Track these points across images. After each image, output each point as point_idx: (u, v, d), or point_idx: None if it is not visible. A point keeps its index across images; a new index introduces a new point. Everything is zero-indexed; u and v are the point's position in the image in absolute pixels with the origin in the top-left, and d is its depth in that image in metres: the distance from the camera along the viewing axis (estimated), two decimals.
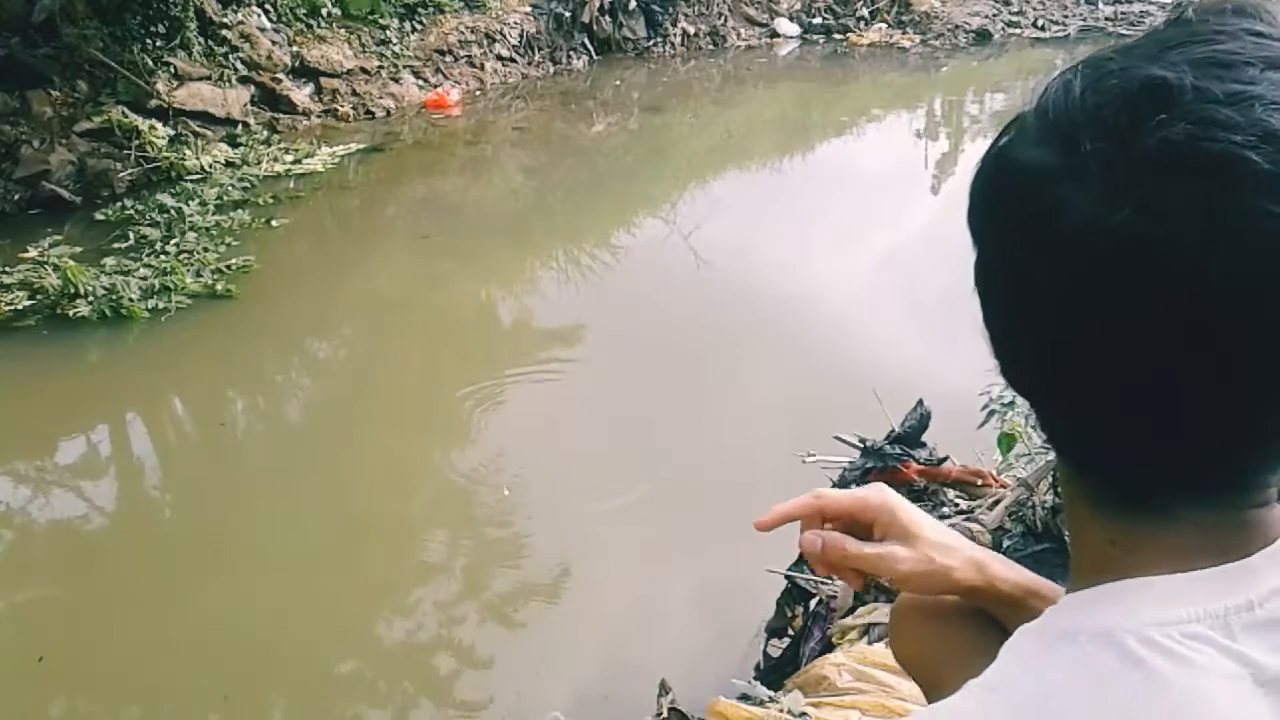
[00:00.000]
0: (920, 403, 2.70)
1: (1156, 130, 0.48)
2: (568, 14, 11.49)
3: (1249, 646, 0.51)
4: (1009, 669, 0.55)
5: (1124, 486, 0.56)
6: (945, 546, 0.86)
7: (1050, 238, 0.51)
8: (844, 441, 2.78)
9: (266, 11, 9.02)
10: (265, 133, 8.40)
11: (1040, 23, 13.95)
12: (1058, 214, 0.50)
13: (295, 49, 9.11)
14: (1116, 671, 0.50)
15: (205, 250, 5.92)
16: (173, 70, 8.01)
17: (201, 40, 8.28)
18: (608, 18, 11.77)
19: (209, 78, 8.23)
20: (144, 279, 5.49)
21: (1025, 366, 0.58)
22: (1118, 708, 0.49)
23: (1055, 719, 0.50)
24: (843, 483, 2.65)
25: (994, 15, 13.99)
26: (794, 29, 13.50)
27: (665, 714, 2.34)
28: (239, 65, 8.54)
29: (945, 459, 2.65)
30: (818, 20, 13.76)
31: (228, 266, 5.74)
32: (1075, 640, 0.53)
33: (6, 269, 5.62)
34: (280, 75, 8.85)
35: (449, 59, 10.40)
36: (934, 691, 0.93)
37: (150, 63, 7.80)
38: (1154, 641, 0.51)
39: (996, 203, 0.56)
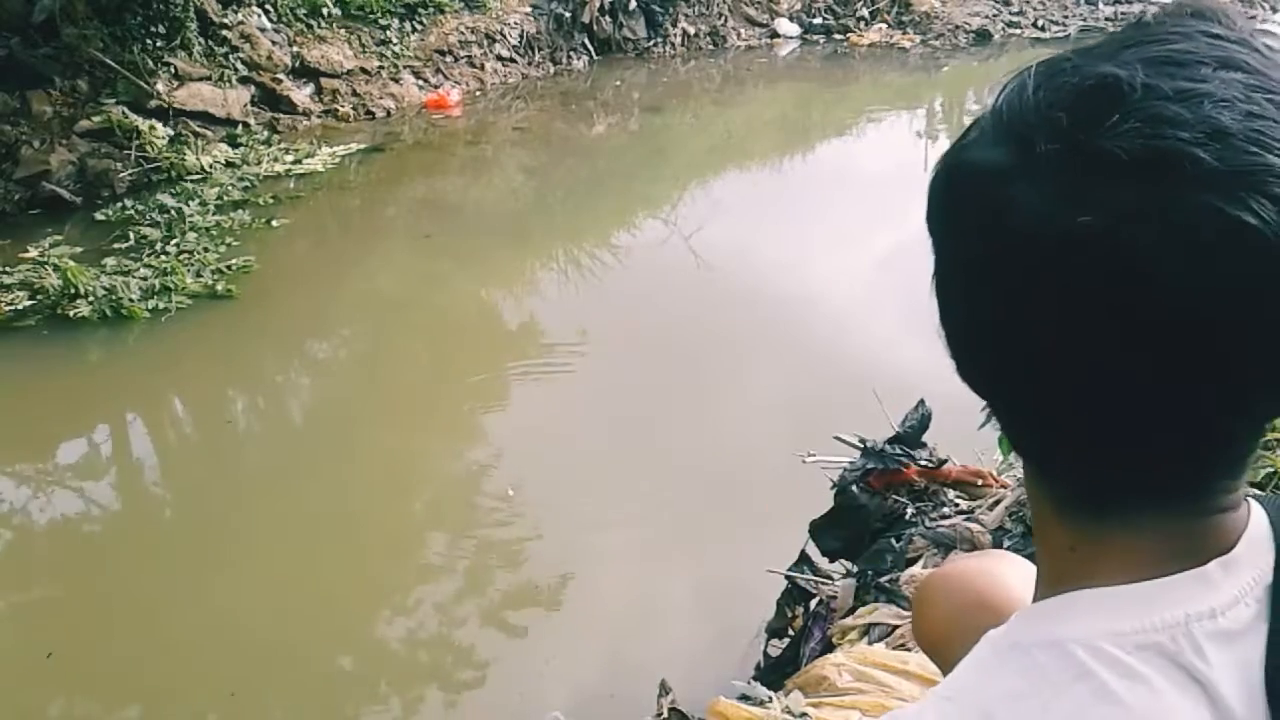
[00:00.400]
0: (921, 402, 2.70)
1: (1107, 129, 0.47)
2: (568, 14, 11.49)
3: (1209, 658, 0.50)
4: (964, 678, 0.55)
5: (1084, 489, 0.56)
6: None
7: (1003, 238, 0.51)
8: (844, 442, 2.78)
9: (266, 12, 9.02)
10: (265, 133, 8.40)
11: (1040, 23, 13.95)
12: (1010, 214, 0.50)
13: (295, 49, 9.11)
14: (1064, 683, 0.50)
15: (205, 250, 5.92)
16: (173, 70, 8.01)
17: (202, 40, 8.28)
18: (608, 18, 11.76)
19: (209, 78, 8.23)
20: (144, 279, 5.49)
21: (982, 369, 0.57)
22: (1061, 714, 0.49)
23: None
24: (843, 483, 2.65)
25: (994, 15, 13.99)
26: (794, 29, 13.50)
27: (665, 714, 2.34)
28: (239, 65, 8.54)
29: (945, 459, 2.65)
30: (818, 20, 13.76)
31: (228, 267, 5.74)
32: (1028, 651, 0.53)
33: (7, 269, 5.62)
34: (280, 75, 8.85)
35: (449, 59, 10.40)
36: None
37: (150, 63, 7.80)
38: (1104, 652, 0.50)
39: (951, 203, 0.56)
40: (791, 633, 2.61)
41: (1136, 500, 0.54)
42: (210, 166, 7.41)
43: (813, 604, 2.57)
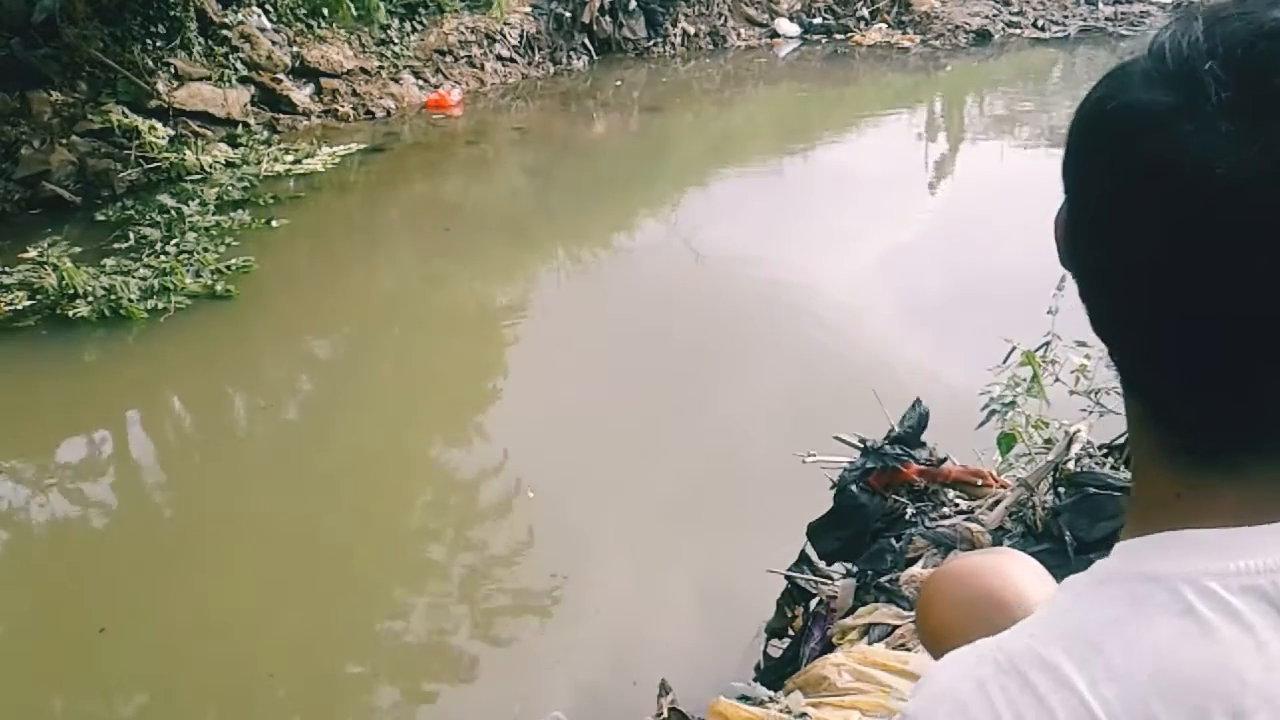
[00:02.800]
0: (918, 402, 2.70)
1: None
2: (568, 14, 11.49)
3: None
4: (1062, 604, 0.56)
5: (1200, 435, 0.56)
6: None
7: (1172, 178, 0.51)
8: (844, 442, 2.78)
9: (266, 12, 9.02)
10: (265, 133, 8.40)
11: (1040, 23, 13.95)
12: (1180, 153, 0.51)
13: (295, 49, 9.11)
14: (1165, 615, 0.51)
15: (205, 250, 5.92)
16: (173, 70, 8.01)
17: (202, 40, 8.28)
18: (608, 18, 11.77)
19: (209, 78, 8.23)
20: (143, 279, 5.49)
21: (1122, 311, 0.58)
22: (1159, 649, 0.50)
23: (1100, 653, 0.51)
24: (843, 483, 2.64)
25: (994, 15, 14.00)
26: (794, 29, 13.51)
27: (665, 714, 2.34)
28: (239, 65, 8.54)
29: (945, 459, 2.65)
30: (818, 20, 13.76)
31: (227, 267, 5.74)
32: (1130, 582, 0.54)
33: (6, 269, 5.62)
34: (280, 75, 8.86)
35: (449, 59, 10.40)
36: None
37: (150, 63, 7.80)
38: (1208, 590, 0.51)
39: (1107, 145, 0.56)
40: (791, 633, 2.60)
41: (1251, 446, 0.55)
42: (210, 166, 7.42)
43: (813, 604, 2.56)
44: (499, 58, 10.87)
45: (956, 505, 2.54)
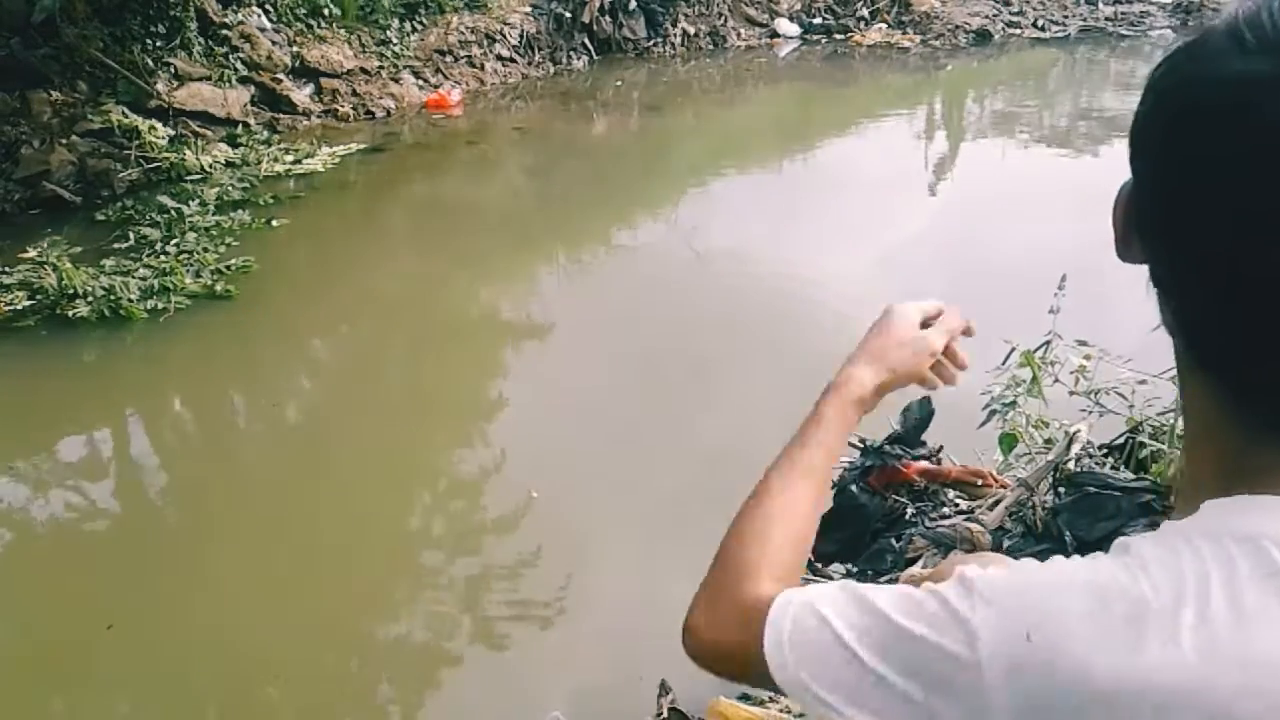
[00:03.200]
0: (926, 400, 2.69)
1: None
2: (568, 14, 11.49)
3: None
4: (1157, 554, 0.57)
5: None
6: None
7: (1275, 142, 0.51)
8: None
9: (267, 12, 9.02)
10: (265, 133, 8.40)
11: (1040, 23, 13.95)
12: None
13: (295, 49, 9.11)
14: (1256, 576, 0.53)
15: (205, 251, 5.92)
16: (173, 70, 8.01)
17: (202, 40, 8.28)
18: (608, 18, 11.77)
19: (209, 78, 8.23)
20: (143, 279, 5.49)
21: (1199, 281, 0.57)
22: (1250, 608, 0.52)
23: (1189, 606, 0.53)
24: (842, 483, 2.64)
25: (994, 15, 13.99)
26: (794, 29, 13.51)
27: (665, 714, 2.34)
28: (239, 65, 8.54)
29: (943, 457, 2.65)
30: (818, 20, 13.76)
31: (227, 267, 5.74)
32: (1219, 539, 0.55)
33: (6, 269, 5.62)
34: (280, 75, 8.86)
35: (449, 59, 10.40)
36: None
37: (150, 63, 7.80)
38: None
39: (1209, 115, 0.55)
40: None
41: None
42: (210, 166, 7.42)
43: None
44: (499, 58, 10.87)
45: (956, 505, 2.54)
